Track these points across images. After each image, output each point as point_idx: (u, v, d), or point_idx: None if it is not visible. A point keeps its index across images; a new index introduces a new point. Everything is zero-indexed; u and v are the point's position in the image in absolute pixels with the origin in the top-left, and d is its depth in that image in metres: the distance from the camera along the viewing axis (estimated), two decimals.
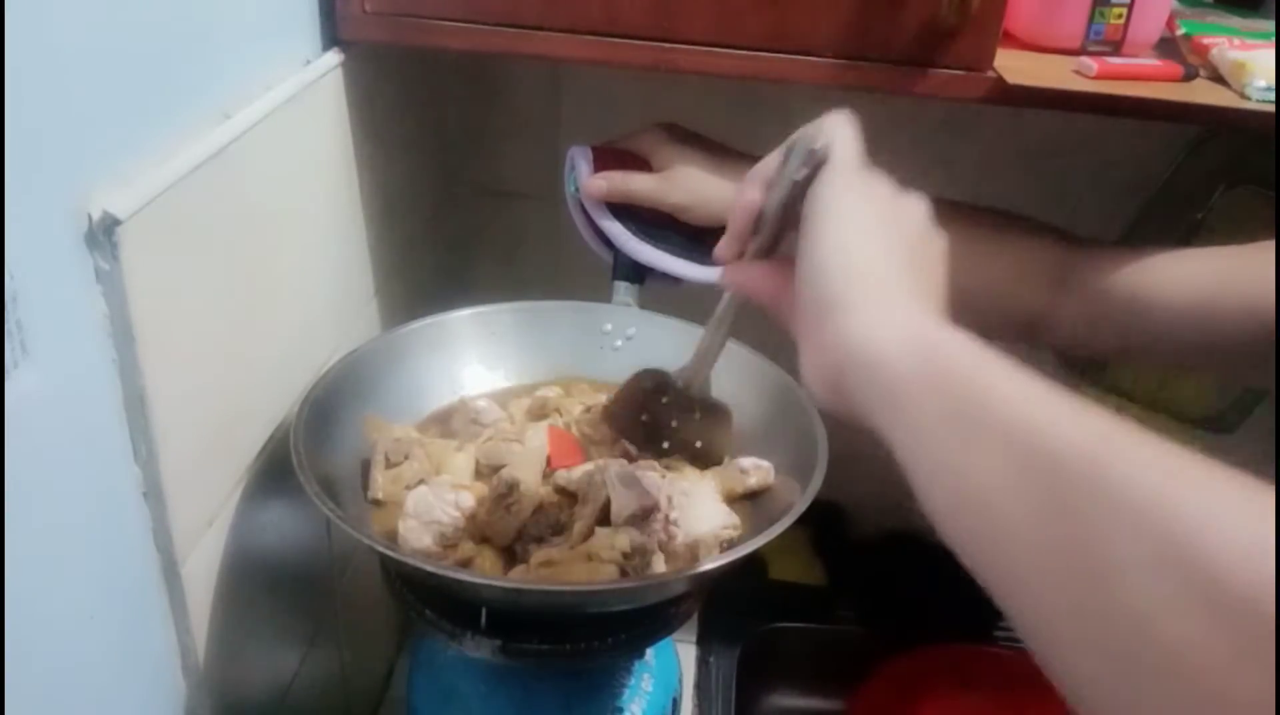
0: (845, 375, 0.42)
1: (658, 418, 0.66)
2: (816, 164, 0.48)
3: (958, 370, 0.38)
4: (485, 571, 0.61)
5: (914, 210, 0.48)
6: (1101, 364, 1.08)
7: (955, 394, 0.37)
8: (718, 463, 0.69)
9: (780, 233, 0.51)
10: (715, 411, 0.67)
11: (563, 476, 0.67)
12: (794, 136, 0.51)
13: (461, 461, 0.69)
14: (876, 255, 0.44)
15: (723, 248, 0.53)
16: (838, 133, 0.48)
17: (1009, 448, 0.34)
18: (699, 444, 0.68)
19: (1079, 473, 0.32)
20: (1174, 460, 0.31)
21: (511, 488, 0.63)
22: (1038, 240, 0.67)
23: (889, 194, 0.47)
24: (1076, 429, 0.33)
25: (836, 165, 0.47)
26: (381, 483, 0.66)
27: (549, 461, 0.68)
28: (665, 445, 0.68)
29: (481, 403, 0.74)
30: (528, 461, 0.67)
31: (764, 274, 0.51)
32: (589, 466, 0.67)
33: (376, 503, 0.65)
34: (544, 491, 0.66)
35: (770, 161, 0.52)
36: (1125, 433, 0.32)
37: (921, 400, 0.38)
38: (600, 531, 0.62)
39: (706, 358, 0.61)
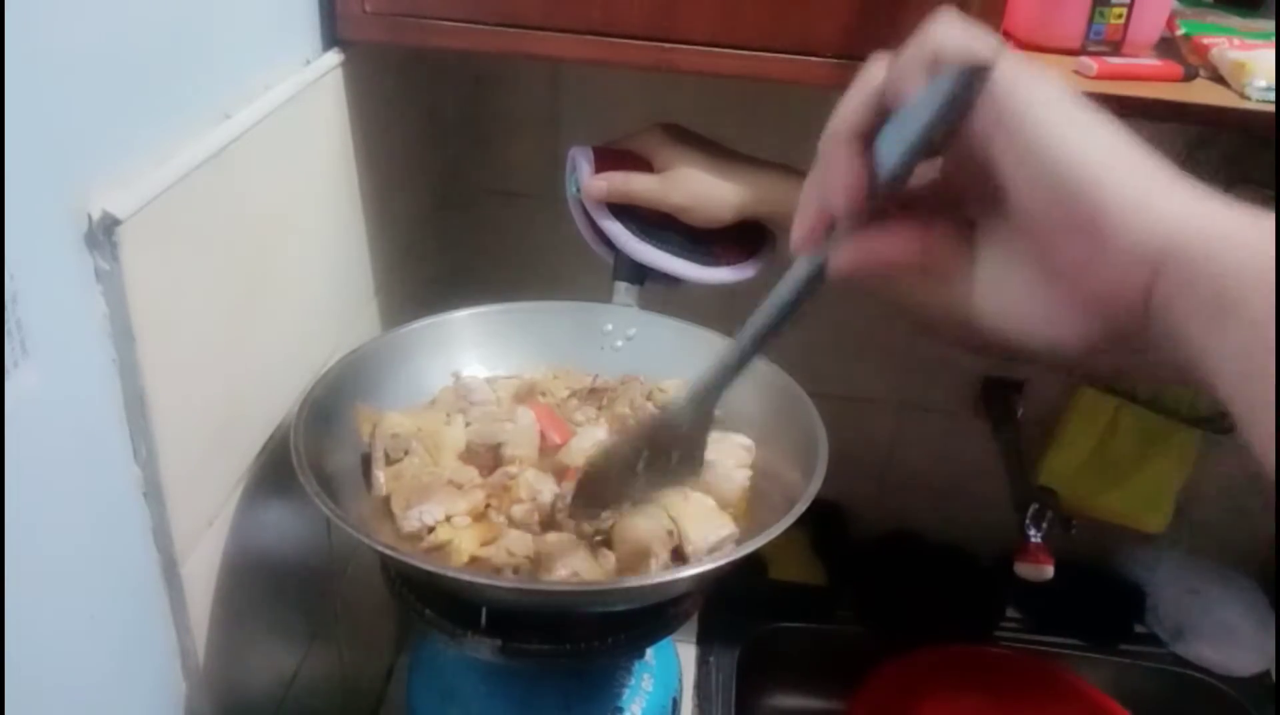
0: (1152, 291, 0.34)
1: (630, 480, 0.59)
2: (980, 82, 0.36)
3: None
4: (461, 555, 0.61)
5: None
6: None
7: None
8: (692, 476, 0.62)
9: (904, 185, 0.39)
10: (691, 440, 0.58)
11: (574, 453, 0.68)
12: (903, 64, 0.38)
13: (452, 435, 0.69)
14: (1124, 145, 0.36)
15: (802, 230, 0.41)
16: (977, 34, 0.37)
17: None
18: (667, 476, 0.60)
19: None
20: None
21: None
22: None
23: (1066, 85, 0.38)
24: None
25: (1007, 65, 0.37)
26: (384, 480, 0.66)
27: (542, 438, 0.69)
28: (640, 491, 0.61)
29: (474, 382, 0.74)
30: (522, 439, 0.68)
31: (894, 238, 0.40)
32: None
33: (384, 500, 0.65)
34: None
35: (861, 108, 0.39)
36: None
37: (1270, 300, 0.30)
38: (643, 525, 0.62)
39: (728, 373, 0.50)
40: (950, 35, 0.38)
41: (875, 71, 0.40)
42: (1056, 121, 0.36)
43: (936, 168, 0.42)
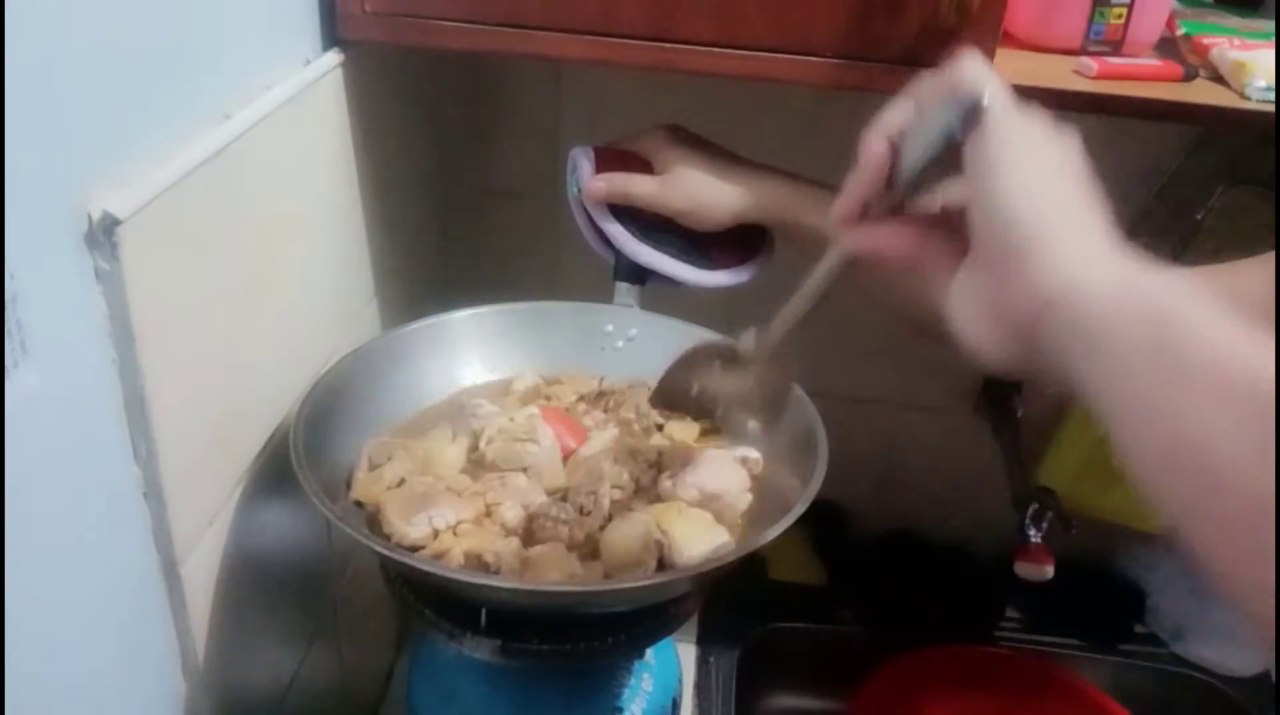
0: (1041, 320, 0.41)
1: (708, 387, 0.66)
2: (976, 116, 0.44)
3: (1171, 315, 0.37)
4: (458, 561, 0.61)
5: (1073, 146, 0.46)
6: None
7: (1169, 339, 0.36)
8: (777, 414, 0.67)
9: (918, 189, 0.48)
10: (776, 365, 0.63)
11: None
12: (930, 85, 0.48)
13: (453, 454, 0.69)
14: (1064, 195, 0.43)
15: (841, 208, 0.50)
16: (987, 77, 0.45)
17: (1227, 394, 0.34)
18: (754, 400, 0.66)
19: None
20: None
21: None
22: None
23: (1052, 133, 0.46)
24: None
25: (998, 110, 0.44)
26: (363, 483, 0.66)
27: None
28: (718, 411, 0.67)
29: (483, 409, 0.73)
30: (545, 462, 0.68)
31: (898, 233, 0.49)
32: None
33: (358, 504, 0.65)
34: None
35: (898, 114, 0.48)
36: None
37: (1133, 346, 0.37)
38: (631, 535, 0.62)
39: (788, 320, 0.58)
40: (967, 72, 0.46)
41: (916, 86, 0.48)
42: (1018, 165, 0.43)
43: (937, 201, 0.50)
